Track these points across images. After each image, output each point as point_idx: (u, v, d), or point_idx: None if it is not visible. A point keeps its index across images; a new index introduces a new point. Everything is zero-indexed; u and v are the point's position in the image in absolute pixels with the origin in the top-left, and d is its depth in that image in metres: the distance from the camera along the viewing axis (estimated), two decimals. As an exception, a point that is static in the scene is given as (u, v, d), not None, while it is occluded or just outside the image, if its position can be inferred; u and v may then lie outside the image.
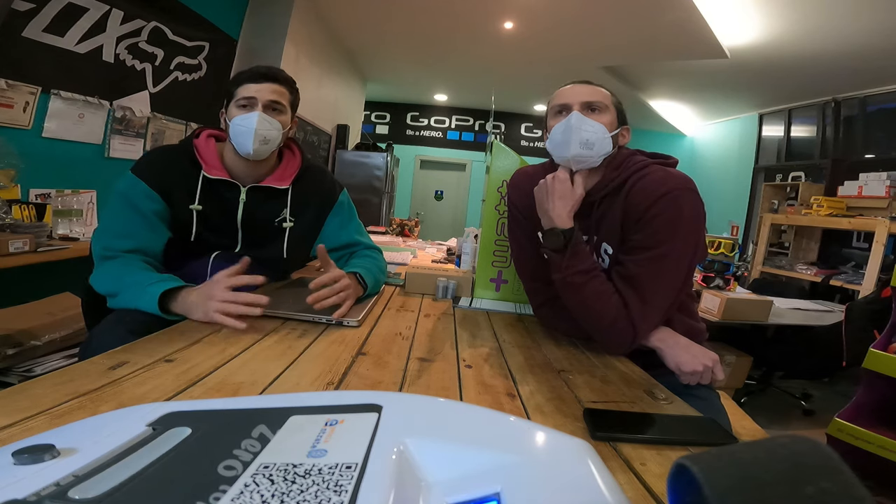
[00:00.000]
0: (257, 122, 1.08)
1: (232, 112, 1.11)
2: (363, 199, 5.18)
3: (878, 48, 3.65)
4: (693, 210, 0.94)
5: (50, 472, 0.30)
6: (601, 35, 4.27)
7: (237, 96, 1.11)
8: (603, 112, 1.00)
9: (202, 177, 1.11)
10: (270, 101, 1.11)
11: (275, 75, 1.13)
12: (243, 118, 1.09)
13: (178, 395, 0.61)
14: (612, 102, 1.03)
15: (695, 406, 0.73)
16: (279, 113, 1.13)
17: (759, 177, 5.91)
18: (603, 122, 0.99)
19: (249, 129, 1.08)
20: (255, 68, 1.13)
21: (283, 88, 1.15)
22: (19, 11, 1.98)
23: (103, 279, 0.99)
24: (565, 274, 0.96)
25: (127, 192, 1.05)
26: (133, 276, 0.96)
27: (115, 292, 0.96)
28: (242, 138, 1.09)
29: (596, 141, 0.97)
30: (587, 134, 0.97)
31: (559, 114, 1.03)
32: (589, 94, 1.02)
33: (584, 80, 1.06)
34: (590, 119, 0.98)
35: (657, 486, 0.48)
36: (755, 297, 2.34)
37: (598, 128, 0.98)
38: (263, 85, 1.11)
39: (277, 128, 1.12)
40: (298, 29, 3.85)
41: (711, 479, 0.22)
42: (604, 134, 0.98)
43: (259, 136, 1.08)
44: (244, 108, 1.10)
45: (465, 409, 0.47)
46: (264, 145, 1.11)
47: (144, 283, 0.93)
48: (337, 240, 1.30)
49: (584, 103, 1.00)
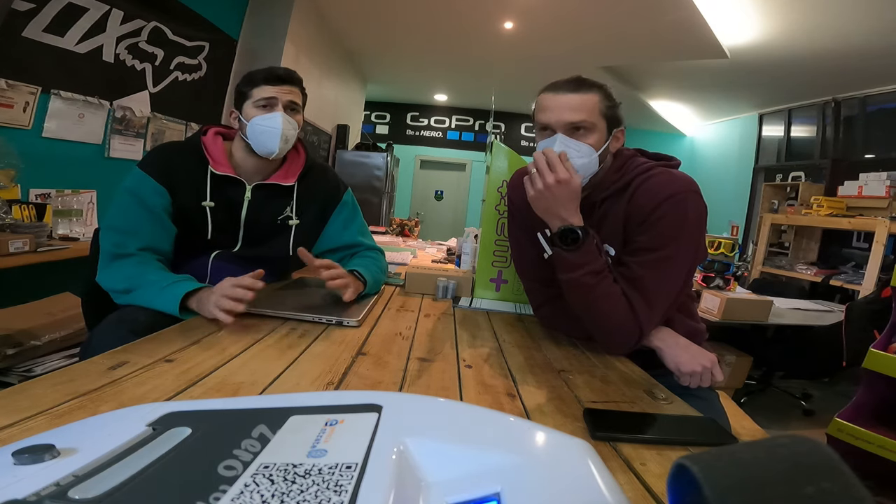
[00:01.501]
0: (283, 123, 1.10)
1: (250, 112, 1.12)
2: (363, 199, 5.16)
3: (878, 48, 3.65)
4: (697, 212, 0.94)
5: (50, 472, 0.30)
6: (601, 35, 4.27)
7: (254, 97, 1.12)
8: (589, 131, 0.95)
9: (210, 173, 1.12)
10: (290, 101, 1.14)
11: (291, 77, 1.16)
12: (266, 118, 1.10)
13: (178, 395, 0.61)
14: (601, 111, 0.96)
15: (695, 406, 0.73)
16: (296, 113, 1.17)
17: (759, 177, 5.90)
18: (589, 142, 0.95)
19: (275, 128, 1.10)
20: (271, 69, 1.15)
21: (297, 89, 1.18)
22: (19, 11, 1.97)
23: (116, 277, 1.00)
24: (577, 274, 0.93)
25: (135, 187, 1.06)
26: (150, 275, 0.98)
27: (130, 289, 0.98)
28: (265, 137, 1.11)
29: (581, 166, 0.94)
30: (572, 158, 0.93)
31: (543, 130, 0.98)
32: (572, 113, 0.94)
33: (573, 79, 0.97)
34: (574, 142, 0.94)
35: (657, 486, 0.48)
36: (755, 297, 2.34)
37: (584, 150, 0.94)
38: (283, 86, 1.13)
39: (296, 127, 1.16)
40: (298, 29, 3.85)
41: (711, 479, 0.22)
42: (590, 155, 0.95)
43: (284, 135, 1.12)
44: (264, 108, 1.12)
45: (465, 409, 0.47)
46: (286, 144, 1.14)
47: (163, 283, 0.96)
48: (339, 240, 1.31)
49: (567, 124, 0.94)
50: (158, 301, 0.94)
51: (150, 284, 0.96)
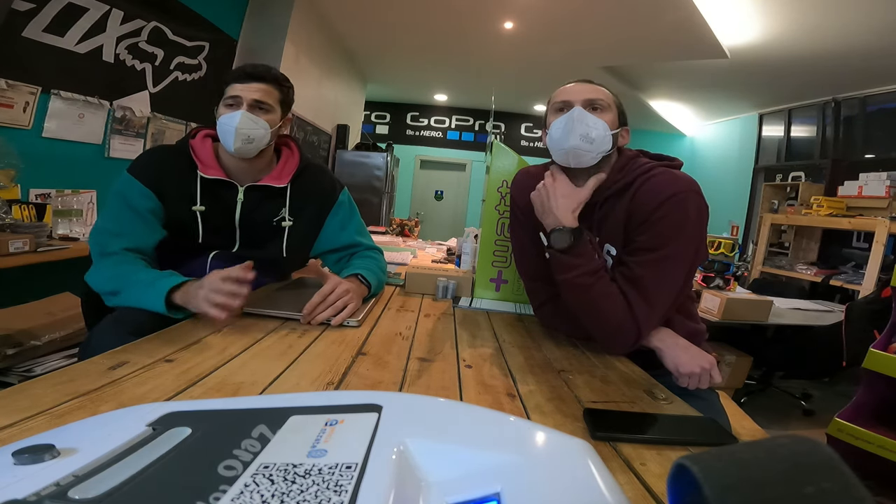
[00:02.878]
0: (239, 121, 1.08)
1: (220, 111, 1.13)
2: (363, 199, 5.18)
3: (878, 48, 3.65)
4: (698, 212, 0.94)
5: (50, 472, 0.30)
6: (601, 35, 4.27)
7: (225, 95, 1.12)
8: (605, 110, 1.00)
9: (199, 177, 1.12)
10: (255, 100, 1.11)
11: (261, 74, 1.13)
12: (227, 117, 1.10)
13: (178, 395, 0.61)
14: (614, 102, 1.03)
15: (695, 406, 0.73)
16: (265, 112, 1.13)
17: (759, 177, 5.90)
18: (605, 119, 0.99)
19: (231, 127, 1.08)
20: (242, 67, 1.14)
21: (271, 87, 1.14)
22: (19, 11, 1.97)
23: (101, 277, 0.99)
24: (572, 275, 0.94)
25: (123, 191, 1.06)
26: (135, 274, 0.97)
27: (117, 290, 0.96)
28: (226, 136, 1.10)
29: (597, 137, 0.97)
30: (588, 128, 0.97)
31: (560, 111, 1.02)
32: (591, 92, 1.01)
33: (586, 79, 1.06)
34: (592, 115, 0.98)
35: (657, 486, 0.48)
36: (755, 297, 2.34)
37: (599, 124, 0.98)
38: (249, 84, 1.11)
39: (264, 127, 1.12)
40: (298, 29, 3.85)
41: (711, 479, 0.22)
42: (605, 131, 0.98)
43: (241, 134, 1.09)
44: (230, 107, 1.11)
45: (465, 409, 0.47)
46: (248, 144, 1.11)
47: (148, 281, 0.94)
48: (337, 240, 1.30)
49: (586, 100, 1.00)
50: (144, 299, 0.91)
51: (135, 283, 0.94)
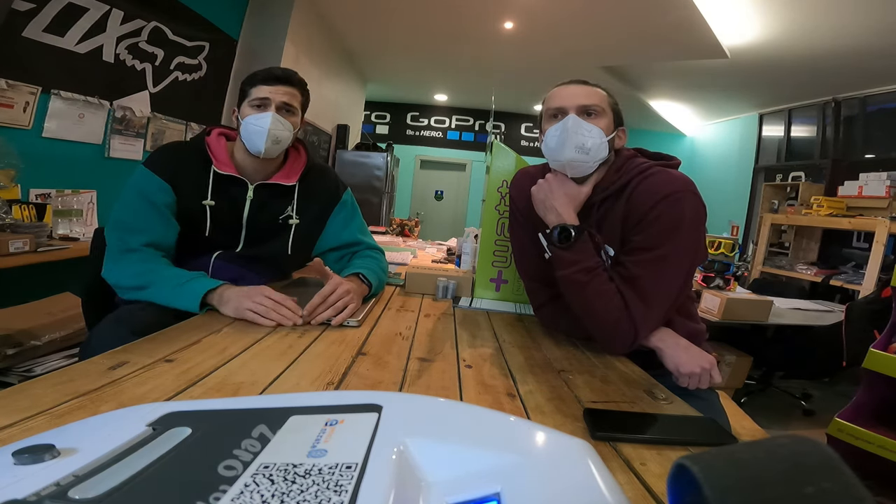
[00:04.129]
0: (271, 123, 1.11)
1: (245, 111, 1.14)
2: (363, 199, 5.16)
3: (878, 48, 3.65)
4: (694, 212, 0.94)
5: (50, 472, 0.30)
6: (601, 35, 4.27)
7: (251, 96, 1.14)
8: (600, 116, 0.98)
9: (213, 172, 1.14)
10: (284, 102, 1.14)
11: (289, 77, 1.16)
12: (257, 118, 1.11)
13: (178, 395, 0.61)
14: (609, 104, 1.01)
15: (695, 406, 0.73)
16: (291, 114, 1.17)
17: (759, 177, 5.90)
18: (600, 125, 0.97)
19: (263, 128, 1.10)
20: (270, 70, 1.16)
21: (296, 90, 1.18)
22: (19, 11, 1.97)
23: (125, 273, 1.01)
24: (569, 271, 0.95)
25: (140, 185, 1.08)
26: (164, 271, 1.01)
27: (144, 286, 0.99)
28: (255, 137, 1.12)
29: (592, 146, 0.96)
30: (583, 138, 0.95)
31: (554, 117, 1.00)
32: (585, 97, 0.99)
33: (580, 79, 1.04)
34: (586, 123, 0.96)
35: (657, 486, 0.48)
36: (755, 297, 2.34)
37: (595, 132, 0.96)
38: (278, 87, 1.14)
39: (289, 128, 1.15)
40: (298, 29, 3.85)
41: (711, 479, 0.22)
42: (601, 138, 0.97)
43: (272, 136, 1.11)
44: (258, 108, 1.13)
45: (465, 409, 0.47)
46: (275, 145, 1.14)
47: (180, 280, 0.98)
48: (339, 238, 1.31)
49: (580, 107, 0.98)
50: (176, 298, 0.96)
51: (165, 281, 0.98)
